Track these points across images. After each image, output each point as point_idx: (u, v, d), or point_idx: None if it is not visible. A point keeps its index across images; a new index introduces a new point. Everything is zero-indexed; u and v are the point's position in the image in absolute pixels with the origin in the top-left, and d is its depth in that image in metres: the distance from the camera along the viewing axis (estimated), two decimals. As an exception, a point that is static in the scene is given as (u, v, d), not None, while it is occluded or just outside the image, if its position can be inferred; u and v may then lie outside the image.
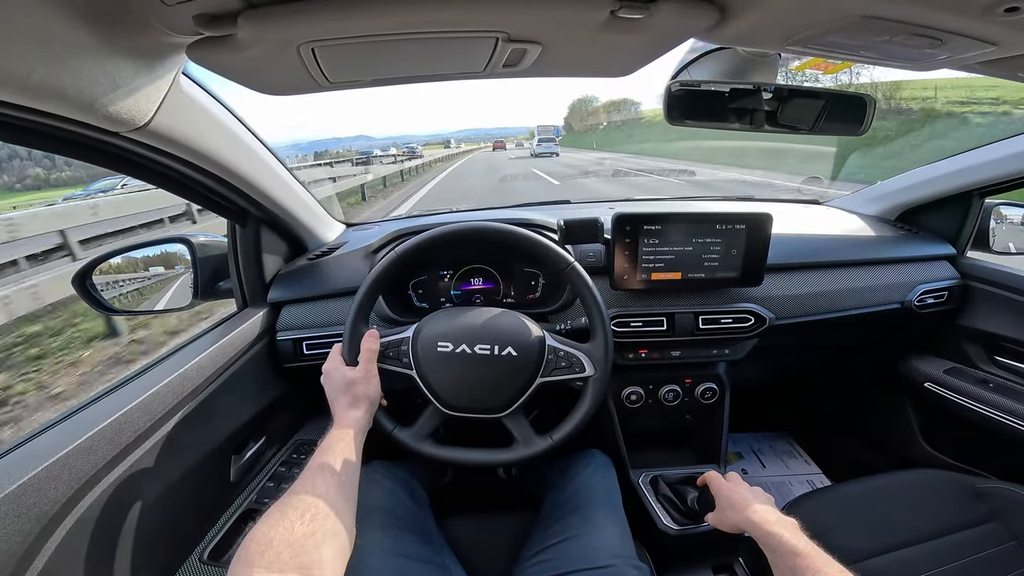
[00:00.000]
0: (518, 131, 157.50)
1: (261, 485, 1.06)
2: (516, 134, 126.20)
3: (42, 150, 0.66)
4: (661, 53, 0.71)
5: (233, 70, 0.64)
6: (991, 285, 1.32)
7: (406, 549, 0.84)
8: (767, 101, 0.95)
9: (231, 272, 1.17)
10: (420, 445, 0.90)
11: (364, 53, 0.64)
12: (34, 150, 0.73)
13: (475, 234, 0.95)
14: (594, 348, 0.92)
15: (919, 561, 0.93)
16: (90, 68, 0.55)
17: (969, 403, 1.26)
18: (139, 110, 0.66)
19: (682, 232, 1.12)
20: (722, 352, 1.25)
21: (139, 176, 0.82)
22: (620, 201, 1.73)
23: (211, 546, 0.91)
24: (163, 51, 0.61)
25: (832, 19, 0.58)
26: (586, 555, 0.84)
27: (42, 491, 0.64)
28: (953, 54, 0.67)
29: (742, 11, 0.59)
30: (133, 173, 0.81)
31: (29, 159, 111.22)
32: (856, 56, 0.74)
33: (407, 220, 1.61)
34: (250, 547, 0.52)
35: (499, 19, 0.59)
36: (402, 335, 0.92)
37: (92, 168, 1.30)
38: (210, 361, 0.97)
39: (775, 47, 0.72)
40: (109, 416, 0.75)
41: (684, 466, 1.27)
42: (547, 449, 0.89)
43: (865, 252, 1.36)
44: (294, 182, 1.17)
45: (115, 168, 0.77)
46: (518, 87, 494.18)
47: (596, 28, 0.60)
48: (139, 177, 0.83)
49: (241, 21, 0.52)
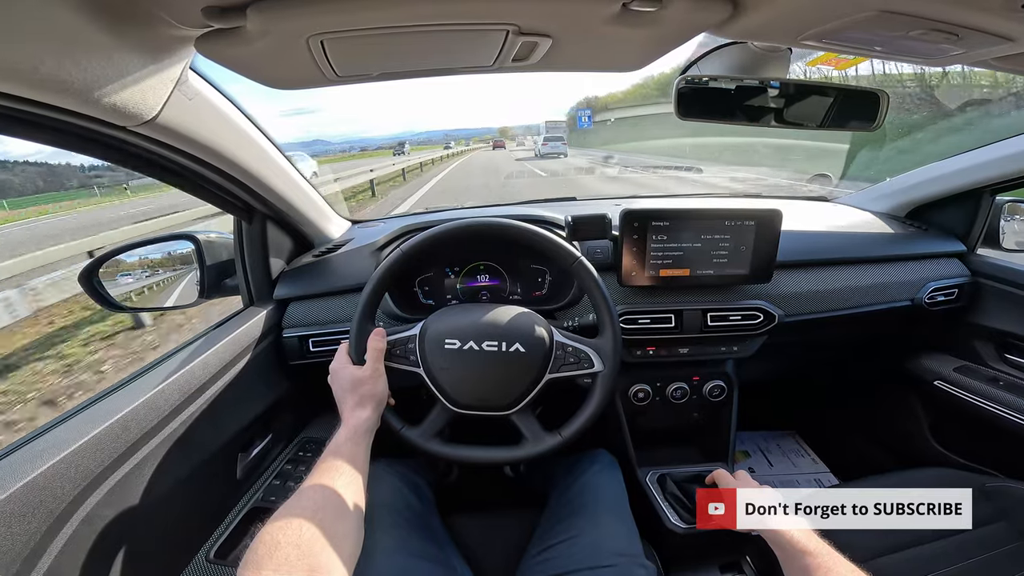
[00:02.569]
0: (517, 128, 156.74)
1: (268, 483, 1.05)
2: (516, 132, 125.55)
3: (49, 144, 0.65)
4: (672, 47, 0.70)
5: (241, 63, 0.64)
6: (1001, 282, 1.31)
7: (411, 547, 0.84)
8: (777, 97, 0.94)
9: (237, 269, 1.17)
10: (428, 444, 0.90)
11: (373, 46, 0.63)
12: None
13: (481, 230, 0.95)
14: (603, 343, 0.91)
15: (928, 560, 0.92)
16: (98, 62, 0.54)
17: (979, 401, 1.25)
18: (146, 104, 0.65)
19: (691, 228, 1.11)
20: (730, 349, 1.24)
21: (145, 171, 0.82)
22: (628, 198, 1.72)
23: (217, 545, 0.91)
24: (171, 44, 0.60)
25: (849, 13, 0.57)
26: (592, 553, 0.84)
27: (49, 489, 0.64)
28: (968, 49, 0.66)
29: (757, 5, 0.58)
30: (139, 168, 0.80)
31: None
32: (870, 51, 0.73)
33: (413, 217, 1.61)
34: (259, 549, 0.52)
35: (510, 11, 0.58)
36: (409, 333, 0.92)
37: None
38: (216, 358, 0.96)
39: (788, 42, 0.71)
40: (116, 413, 0.75)
41: (691, 464, 1.27)
42: (557, 446, 0.89)
43: (874, 249, 1.35)
44: (300, 179, 1.17)
45: (121, 163, 0.77)
46: (517, 85, 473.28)
47: (607, 21, 0.59)
48: (145, 172, 0.82)
49: (250, 13, 0.52)
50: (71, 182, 76.53)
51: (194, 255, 1.12)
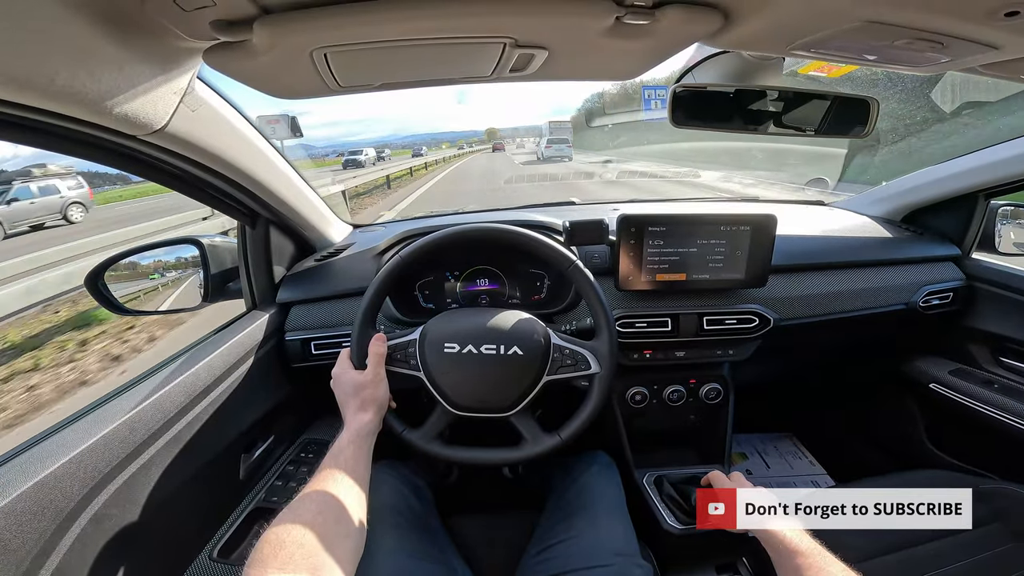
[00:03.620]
0: (504, 131, 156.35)
1: (270, 483, 1.07)
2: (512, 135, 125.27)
3: (62, 153, 0.67)
4: (666, 57, 0.72)
5: (247, 75, 0.66)
6: (996, 286, 1.32)
7: (411, 547, 0.85)
8: (771, 104, 0.96)
9: (240, 273, 1.18)
10: (429, 446, 0.91)
11: (375, 58, 0.65)
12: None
13: (480, 235, 0.96)
14: (599, 345, 0.92)
15: (921, 561, 0.93)
16: (110, 73, 0.56)
17: (974, 404, 1.26)
18: (156, 114, 0.67)
19: (687, 234, 1.12)
20: (726, 353, 1.25)
21: (153, 178, 0.84)
22: (625, 202, 1.73)
23: (220, 544, 0.92)
24: (180, 56, 0.62)
25: (836, 24, 0.58)
26: (590, 554, 0.85)
27: (59, 488, 0.66)
28: (955, 57, 0.68)
29: (746, 16, 0.60)
30: (148, 175, 0.82)
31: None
32: (859, 59, 0.75)
33: (413, 222, 1.62)
34: (263, 548, 0.53)
35: (506, 26, 0.60)
36: (409, 337, 0.93)
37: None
38: (221, 360, 0.98)
39: (779, 51, 0.72)
40: (123, 414, 0.77)
41: (688, 466, 1.28)
42: (556, 447, 0.90)
43: (870, 253, 1.36)
44: (302, 184, 1.18)
45: (131, 170, 0.79)
46: (510, 86, 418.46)
47: (601, 34, 0.61)
48: (153, 179, 0.84)
49: (256, 27, 0.54)
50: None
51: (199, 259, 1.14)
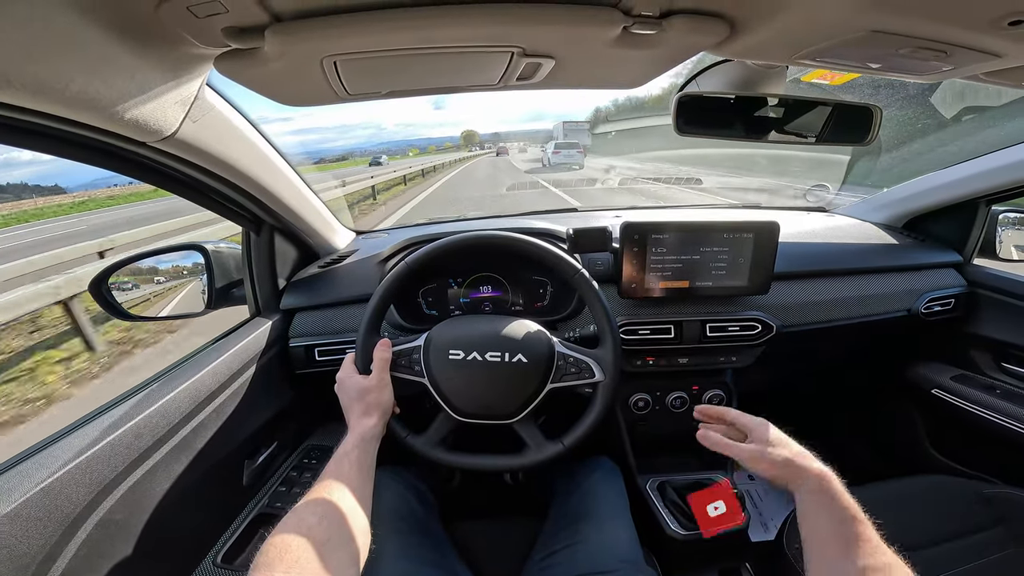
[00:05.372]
0: (485, 135, 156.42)
1: (273, 489, 1.07)
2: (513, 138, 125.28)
3: (71, 159, 0.68)
4: (671, 66, 0.73)
5: (257, 82, 0.66)
6: (998, 292, 1.32)
7: (414, 553, 0.85)
8: (774, 111, 0.96)
9: (245, 279, 1.19)
10: (433, 451, 0.91)
11: (384, 66, 0.66)
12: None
13: (483, 243, 0.97)
14: (603, 353, 0.92)
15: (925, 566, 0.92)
16: (123, 79, 0.57)
17: (976, 409, 1.26)
18: (167, 120, 0.68)
19: (690, 241, 1.13)
20: (729, 359, 1.25)
21: (161, 185, 0.84)
22: (628, 209, 1.74)
23: (224, 549, 0.92)
24: (192, 63, 0.63)
25: (840, 34, 0.59)
26: (594, 559, 0.85)
27: (65, 494, 0.66)
28: (958, 65, 0.69)
29: (752, 26, 0.61)
30: (156, 182, 0.83)
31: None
32: (863, 68, 0.76)
33: (416, 228, 1.63)
34: (269, 552, 0.53)
35: (514, 35, 0.61)
36: (414, 343, 0.93)
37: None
38: (225, 367, 0.98)
39: (783, 60, 0.73)
40: (129, 420, 0.77)
41: (691, 472, 1.28)
42: (559, 453, 0.90)
43: (871, 260, 1.37)
44: (308, 191, 1.19)
45: (139, 177, 0.79)
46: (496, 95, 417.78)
47: (608, 43, 0.62)
48: (161, 186, 0.85)
49: (268, 35, 0.54)
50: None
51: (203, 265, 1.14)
